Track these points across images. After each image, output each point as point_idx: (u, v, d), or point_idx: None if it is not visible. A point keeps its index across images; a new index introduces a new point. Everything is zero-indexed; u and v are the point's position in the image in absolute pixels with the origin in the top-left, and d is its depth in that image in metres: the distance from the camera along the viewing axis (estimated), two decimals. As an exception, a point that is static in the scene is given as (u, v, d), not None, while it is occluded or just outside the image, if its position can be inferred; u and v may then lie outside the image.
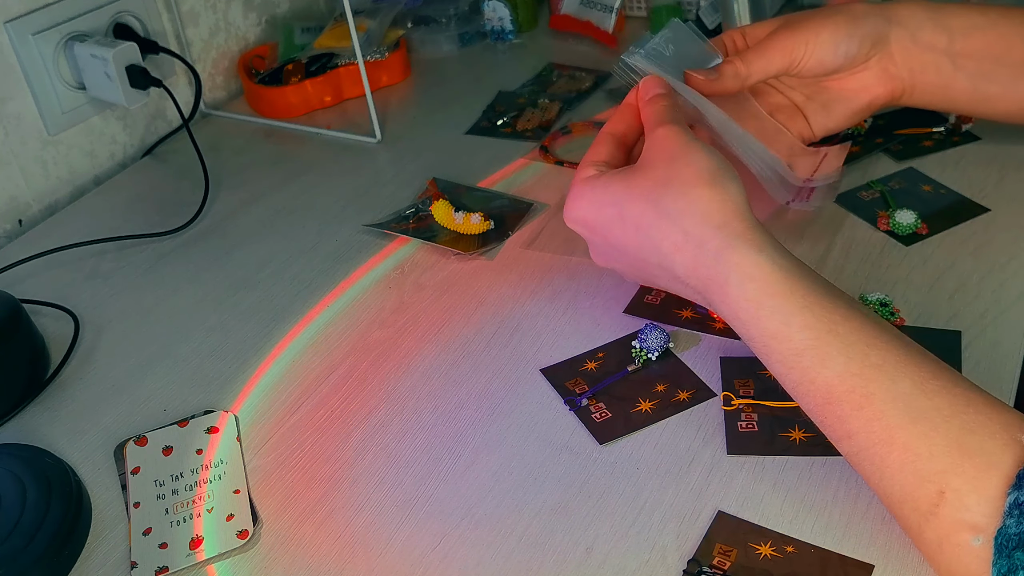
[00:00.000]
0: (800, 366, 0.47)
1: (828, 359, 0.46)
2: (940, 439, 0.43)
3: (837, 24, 0.67)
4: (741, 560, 0.47)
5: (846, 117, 0.72)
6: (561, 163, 0.84)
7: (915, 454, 0.43)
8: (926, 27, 0.68)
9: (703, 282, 0.52)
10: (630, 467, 0.53)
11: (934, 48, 0.68)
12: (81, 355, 0.68)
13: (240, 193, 0.86)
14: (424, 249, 0.74)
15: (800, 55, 0.67)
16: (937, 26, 0.68)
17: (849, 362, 0.46)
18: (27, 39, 0.83)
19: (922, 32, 0.68)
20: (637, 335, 0.61)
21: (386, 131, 0.93)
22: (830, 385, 0.46)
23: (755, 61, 0.67)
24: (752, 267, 0.50)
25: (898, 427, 0.44)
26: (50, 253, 0.77)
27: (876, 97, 0.71)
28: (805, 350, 0.47)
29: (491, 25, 1.10)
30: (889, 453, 0.44)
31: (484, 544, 0.50)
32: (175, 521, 0.54)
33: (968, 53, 0.68)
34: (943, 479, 0.42)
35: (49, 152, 0.88)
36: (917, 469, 0.43)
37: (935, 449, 0.42)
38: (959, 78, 0.69)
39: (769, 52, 0.67)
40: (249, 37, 1.07)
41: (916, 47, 0.68)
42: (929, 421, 0.43)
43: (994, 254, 0.65)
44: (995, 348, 0.58)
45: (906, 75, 0.69)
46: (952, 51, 0.68)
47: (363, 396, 0.61)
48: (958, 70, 0.68)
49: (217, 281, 0.74)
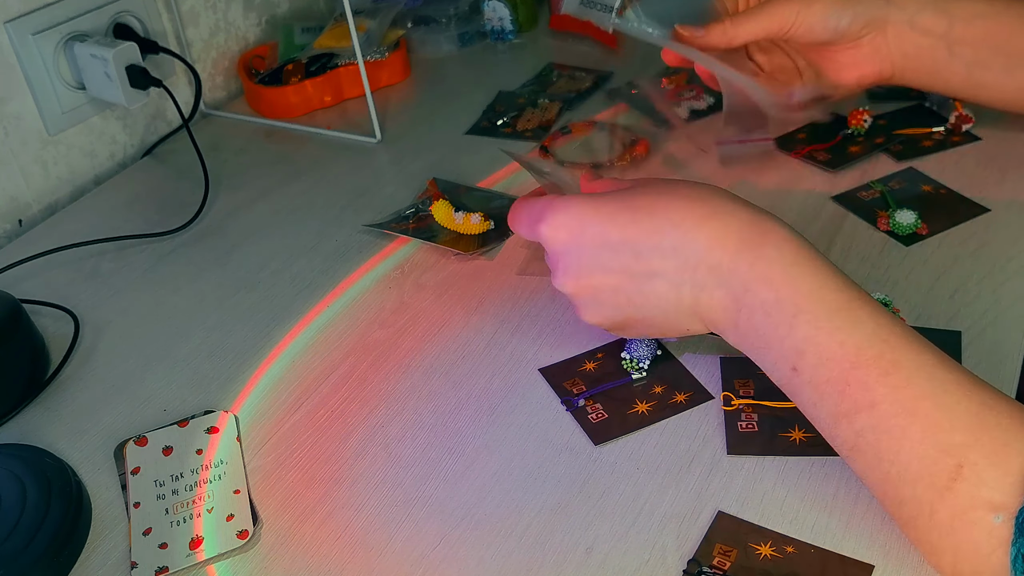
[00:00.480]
0: (831, 326, 0.47)
1: (860, 322, 0.46)
2: (962, 412, 0.43)
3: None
4: (741, 560, 0.47)
5: (835, 89, 0.74)
6: (561, 163, 0.84)
7: (937, 425, 0.43)
8: (927, 11, 0.69)
9: (730, 250, 0.50)
10: (630, 467, 0.53)
11: (931, 33, 0.69)
12: (81, 355, 0.68)
13: (240, 193, 0.86)
14: (424, 249, 0.74)
15: (790, 22, 0.69)
16: (938, 11, 0.69)
17: (879, 328, 0.46)
18: (27, 39, 0.83)
19: (922, 16, 0.69)
20: (625, 346, 0.60)
21: (386, 131, 0.93)
22: (859, 348, 0.45)
23: (743, 23, 0.69)
24: (786, 233, 0.50)
25: (923, 396, 0.44)
26: (50, 253, 0.77)
27: (864, 75, 0.72)
28: (839, 310, 0.47)
29: (491, 25, 1.10)
30: (912, 424, 0.43)
31: (484, 544, 0.50)
32: (175, 521, 0.54)
33: (966, 40, 0.68)
34: (962, 452, 0.42)
35: (49, 152, 0.88)
36: (938, 441, 0.42)
37: (956, 422, 0.42)
38: (953, 63, 0.69)
39: (759, 16, 0.69)
40: (249, 37, 1.07)
41: (913, 31, 0.69)
42: (951, 394, 0.43)
43: (994, 254, 0.65)
44: (995, 348, 0.58)
45: (898, 58, 0.70)
46: (950, 37, 0.69)
47: (363, 396, 0.61)
48: (953, 56, 0.69)
49: (217, 281, 0.74)
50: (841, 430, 0.46)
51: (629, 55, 1.03)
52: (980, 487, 0.41)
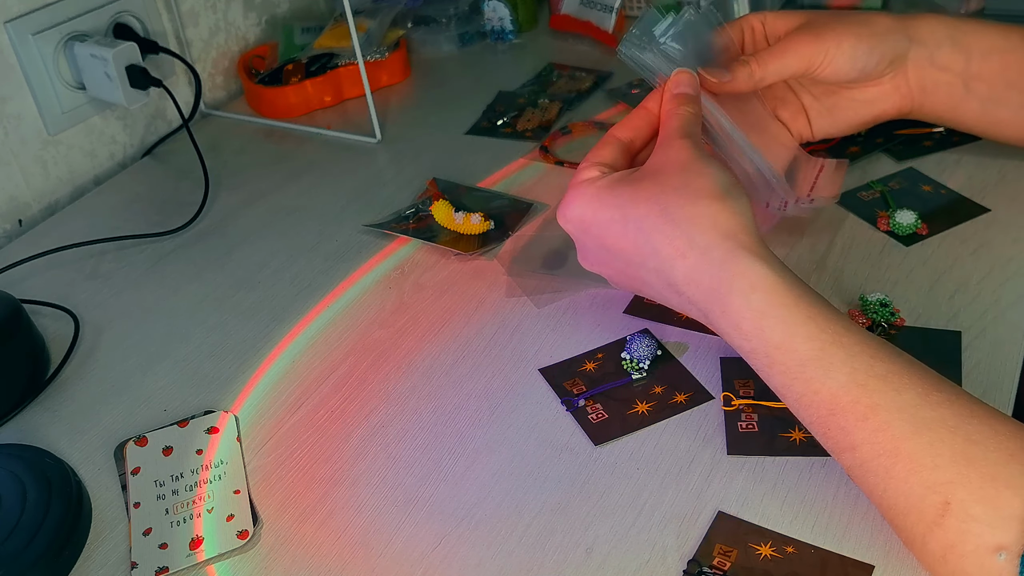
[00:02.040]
0: (804, 377, 0.47)
1: (832, 369, 0.46)
2: (945, 449, 0.43)
3: (860, 37, 0.66)
4: (741, 560, 0.47)
5: (849, 126, 0.72)
6: (561, 163, 0.84)
7: (920, 464, 0.43)
8: (945, 47, 0.67)
9: (703, 292, 0.52)
10: (630, 467, 0.53)
11: (949, 69, 0.68)
12: (81, 355, 0.68)
13: (240, 193, 0.86)
14: (424, 249, 0.74)
15: (818, 62, 0.65)
16: (956, 46, 0.67)
17: (854, 372, 0.46)
18: (27, 39, 0.83)
19: (940, 52, 0.67)
20: (625, 346, 0.61)
21: (386, 131, 0.93)
22: (834, 396, 0.46)
23: (771, 63, 0.65)
24: (757, 277, 0.49)
25: (903, 437, 0.44)
26: (50, 253, 0.77)
27: (884, 111, 0.71)
28: (809, 360, 0.47)
29: (491, 25, 1.10)
30: (894, 464, 0.44)
31: (484, 544, 0.50)
32: (175, 521, 0.54)
33: (983, 76, 0.67)
34: (948, 490, 0.42)
35: (49, 152, 0.88)
36: (923, 479, 0.43)
37: (940, 460, 0.43)
38: (969, 100, 0.68)
39: (787, 55, 0.65)
40: (249, 37, 1.07)
41: (932, 67, 0.68)
42: (934, 432, 0.43)
43: (994, 254, 0.65)
44: (995, 348, 0.58)
45: (917, 93, 0.69)
46: (967, 73, 0.67)
47: (363, 396, 0.61)
48: (969, 92, 0.68)
49: (217, 281, 0.74)
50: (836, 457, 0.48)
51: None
52: (969, 523, 0.41)
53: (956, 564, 0.42)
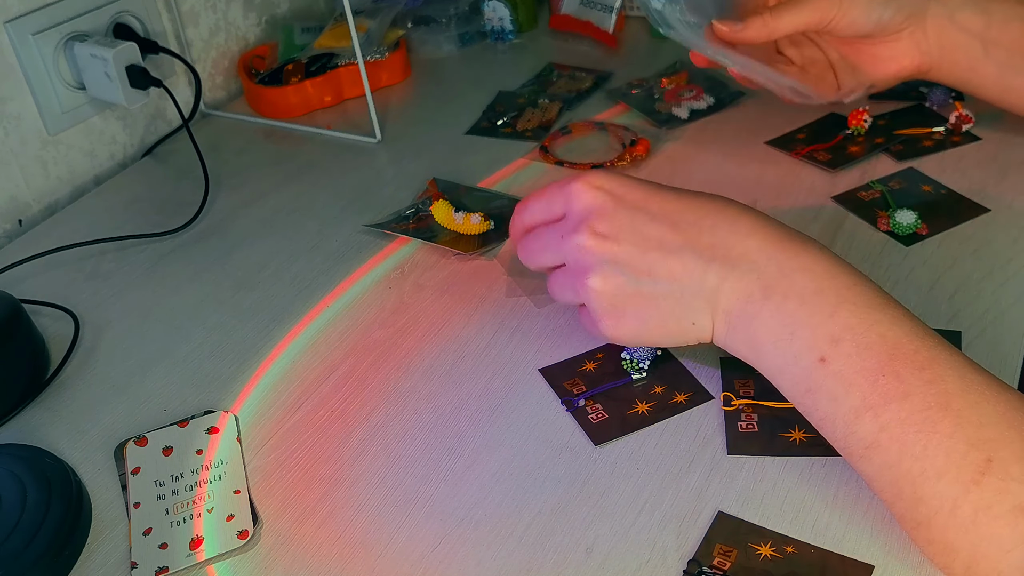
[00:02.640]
0: (872, 318, 0.47)
1: (899, 319, 0.47)
2: (990, 410, 0.43)
3: None
4: (741, 560, 0.47)
5: (872, 82, 0.74)
6: (561, 163, 0.84)
7: (967, 421, 0.43)
8: (967, 7, 0.69)
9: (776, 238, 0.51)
10: (630, 467, 0.53)
11: (968, 30, 0.69)
12: (81, 355, 0.68)
13: (240, 193, 0.86)
14: (424, 249, 0.74)
15: (832, 14, 0.68)
16: (977, 8, 0.68)
17: (916, 327, 0.47)
18: (27, 39, 0.83)
19: (962, 12, 0.69)
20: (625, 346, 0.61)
21: (386, 131, 0.93)
22: (899, 342, 0.46)
23: (784, 15, 0.67)
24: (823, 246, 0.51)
25: (954, 394, 0.44)
26: (50, 253, 0.77)
27: (903, 68, 0.72)
28: (881, 306, 0.48)
29: (491, 25, 1.10)
30: (942, 419, 0.44)
31: (484, 544, 0.50)
32: (175, 521, 0.54)
33: (1001, 42, 0.68)
34: (992, 447, 0.42)
35: (49, 152, 0.88)
36: (968, 435, 0.43)
37: (985, 419, 0.43)
38: (987, 64, 0.69)
39: (801, 8, 0.68)
40: (249, 37, 1.07)
41: (952, 26, 0.69)
42: (979, 393, 0.44)
43: (994, 254, 0.65)
44: (995, 348, 0.58)
45: (936, 51, 0.70)
46: (986, 37, 0.68)
47: (363, 396, 0.61)
48: (988, 56, 0.69)
49: (217, 281, 0.74)
50: (861, 425, 0.46)
51: (629, 55, 1.03)
52: (1008, 481, 0.42)
53: (987, 528, 0.42)
